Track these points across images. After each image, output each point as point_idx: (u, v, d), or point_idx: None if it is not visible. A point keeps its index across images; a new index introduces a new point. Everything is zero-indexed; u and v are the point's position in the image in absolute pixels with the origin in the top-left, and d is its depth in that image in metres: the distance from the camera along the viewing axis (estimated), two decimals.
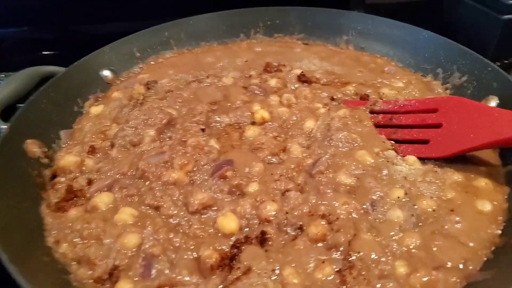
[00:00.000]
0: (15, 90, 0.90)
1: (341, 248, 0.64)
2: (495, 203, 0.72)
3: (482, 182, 0.75)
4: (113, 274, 0.61)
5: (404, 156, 0.81)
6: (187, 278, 0.60)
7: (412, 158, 0.80)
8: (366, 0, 1.74)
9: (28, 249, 0.61)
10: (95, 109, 0.96)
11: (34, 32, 1.75)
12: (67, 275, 0.62)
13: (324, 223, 0.67)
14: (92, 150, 0.83)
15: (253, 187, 0.74)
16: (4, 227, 0.60)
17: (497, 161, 0.81)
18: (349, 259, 0.62)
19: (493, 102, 0.89)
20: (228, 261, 0.63)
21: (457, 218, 0.68)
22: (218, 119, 0.92)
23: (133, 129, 0.85)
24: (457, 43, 1.00)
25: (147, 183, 0.75)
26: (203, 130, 0.87)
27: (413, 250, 0.63)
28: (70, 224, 0.68)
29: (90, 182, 0.77)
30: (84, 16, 1.65)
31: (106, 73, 1.06)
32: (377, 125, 0.90)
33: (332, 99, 0.99)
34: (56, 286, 0.58)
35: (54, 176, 0.80)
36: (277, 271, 0.61)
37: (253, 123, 0.91)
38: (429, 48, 1.06)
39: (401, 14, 1.75)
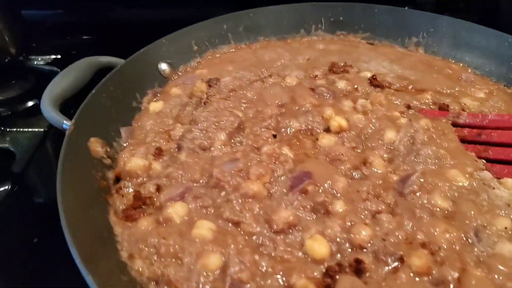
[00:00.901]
0: (73, 82, 0.83)
1: (451, 286, 0.57)
2: None
3: None
4: None
5: (499, 178, 0.73)
6: None
7: (510, 181, 0.72)
8: None
9: (106, 266, 0.55)
10: (155, 106, 0.89)
11: (69, 15, 1.69)
12: None
13: (427, 253, 0.60)
14: (159, 153, 0.76)
15: (339, 206, 0.66)
16: (80, 240, 0.54)
17: None
18: None
19: None
20: None
21: None
22: (288, 123, 0.84)
23: (203, 131, 0.78)
24: None
25: (223, 193, 0.68)
26: (274, 136, 0.80)
27: None
28: (144, 238, 0.62)
29: (158, 189, 0.70)
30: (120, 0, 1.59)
31: (164, 66, 0.99)
32: (462, 140, 0.82)
33: (408, 107, 0.91)
34: None
35: (117, 179, 0.73)
36: None
37: (326, 130, 0.84)
38: None
39: (451, 9, 1.64)
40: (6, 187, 0.93)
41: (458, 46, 1.06)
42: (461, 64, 1.06)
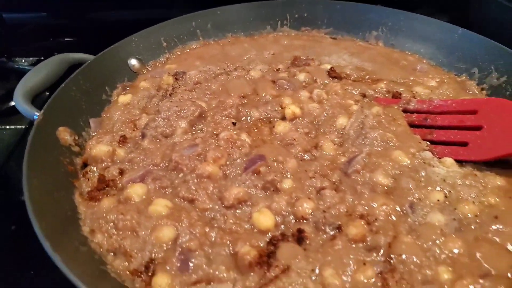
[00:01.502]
0: (45, 77, 0.89)
1: (382, 250, 0.62)
2: None
3: None
4: (149, 267, 0.60)
5: (440, 158, 0.79)
6: (224, 274, 0.59)
7: (449, 160, 0.78)
8: None
9: (66, 238, 0.61)
10: (123, 98, 0.94)
11: (52, 18, 1.75)
12: (104, 266, 0.61)
13: (363, 223, 0.66)
14: (123, 140, 0.82)
15: (287, 184, 0.72)
16: (42, 216, 0.59)
17: None
18: (390, 261, 0.61)
19: None
20: (266, 258, 0.61)
21: (502, 225, 0.66)
22: (248, 113, 0.90)
23: (165, 120, 0.83)
24: (495, 42, 0.98)
25: (181, 175, 0.74)
26: (234, 124, 0.86)
27: (457, 256, 0.62)
28: (104, 215, 0.67)
29: (121, 172, 0.76)
30: (102, 2, 1.65)
31: (134, 62, 1.05)
32: (411, 125, 0.88)
33: (364, 96, 0.97)
34: (95, 276, 0.57)
35: (85, 164, 0.79)
36: (316, 271, 0.60)
37: (283, 118, 0.89)
38: (464, 47, 1.03)
39: (422, 8, 1.72)
40: None
41: (414, 39, 1.13)
42: (417, 56, 1.12)
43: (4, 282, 0.74)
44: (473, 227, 0.66)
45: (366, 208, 0.68)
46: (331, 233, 0.65)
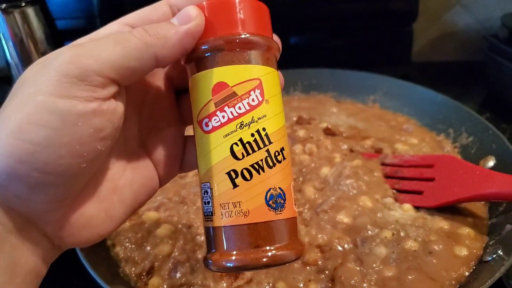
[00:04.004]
0: None
1: (327, 272, 0.78)
2: (474, 250, 0.81)
3: (465, 231, 0.84)
4: (149, 272, 0.81)
5: (401, 204, 0.94)
6: (201, 282, 0.79)
7: (407, 206, 0.92)
8: (412, 58, 1.91)
9: (95, 248, 0.83)
10: None
11: None
12: (117, 269, 0.83)
13: (317, 251, 0.82)
14: None
15: None
16: None
17: (485, 214, 0.90)
18: (332, 281, 0.76)
19: (491, 162, 0.98)
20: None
21: (434, 259, 0.79)
22: None
23: None
24: (465, 107, 1.12)
25: (185, 207, 0.96)
26: None
27: (387, 280, 0.76)
28: (124, 233, 0.91)
29: None
30: None
31: None
32: (386, 176, 1.03)
33: (351, 150, 1.14)
34: (109, 274, 0.79)
35: None
36: (271, 284, 0.77)
37: None
38: (443, 110, 1.18)
39: (447, 73, 1.88)
40: None
41: (404, 102, 1.29)
42: (406, 117, 1.28)
43: None
44: (410, 258, 0.80)
45: (325, 239, 0.85)
46: None
